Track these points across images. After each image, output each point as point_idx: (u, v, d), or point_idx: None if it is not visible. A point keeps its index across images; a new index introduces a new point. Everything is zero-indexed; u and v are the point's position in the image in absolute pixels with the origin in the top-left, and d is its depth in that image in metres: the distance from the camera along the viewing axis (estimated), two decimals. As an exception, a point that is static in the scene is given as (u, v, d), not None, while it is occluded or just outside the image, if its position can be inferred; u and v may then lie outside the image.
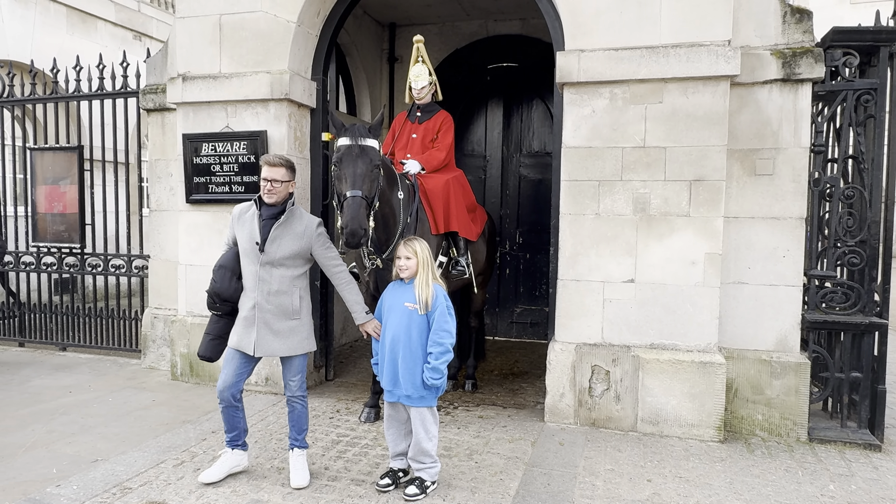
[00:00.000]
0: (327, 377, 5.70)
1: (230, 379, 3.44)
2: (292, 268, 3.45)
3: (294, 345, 3.47)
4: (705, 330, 4.32)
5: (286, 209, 3.44)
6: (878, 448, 4.18)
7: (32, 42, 9.55)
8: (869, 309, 4.31)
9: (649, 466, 3.83)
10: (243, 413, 3.56)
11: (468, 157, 7.67)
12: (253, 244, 3.40)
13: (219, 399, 3.46)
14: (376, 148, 3.76)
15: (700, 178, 4.28)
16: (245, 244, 3.45)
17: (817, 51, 4.23)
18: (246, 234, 3.45)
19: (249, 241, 3.42)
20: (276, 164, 3.40)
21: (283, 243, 3.40)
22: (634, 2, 4.32)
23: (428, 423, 3.36)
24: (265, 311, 3.40)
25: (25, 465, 3.79)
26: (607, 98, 4.41)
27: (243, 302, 3.47)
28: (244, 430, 3.59)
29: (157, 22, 11.94)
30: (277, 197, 3.42)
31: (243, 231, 3.47)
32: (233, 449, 3.56)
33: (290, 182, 3.47)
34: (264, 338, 3.41)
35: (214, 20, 5.29)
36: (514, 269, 7.68)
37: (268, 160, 3.41)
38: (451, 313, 3.33)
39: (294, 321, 3.47)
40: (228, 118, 5.31)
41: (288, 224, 3.43)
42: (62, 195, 6.67)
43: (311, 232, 3.47)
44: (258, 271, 3.40)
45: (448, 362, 3.28)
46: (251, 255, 3.41)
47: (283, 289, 3.42)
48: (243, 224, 3.48)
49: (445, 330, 3.28)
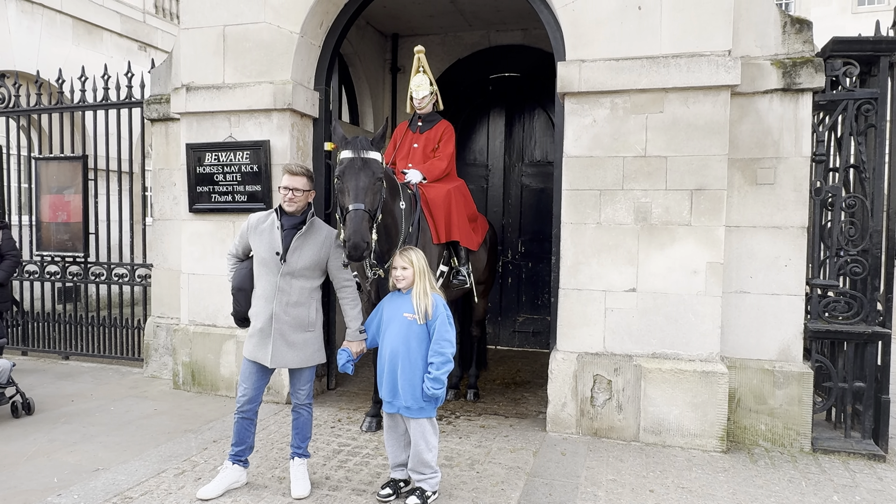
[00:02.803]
0: (329, 386, 5.69)
1: (251, 392, 3.47)
2: (311, 279, 3.45)
3: (307, 356, 3.47)
4: (707, 339, 4.31)
5: (307, 219, 3.44)
6: (882, 459, 4.15)
7: (38, 53, 9.63)
8: (872, 318, 4.30)
9: (652, 477, 3.82)
10: (255, 427, 3.57)
11: (470, 167, 7.69)
12: (273, 254, 3.38)
13: (238, 412, 3.47)
14: (379, 160, 3.78)
15: (701, 187, 4.28)
16: (264, 254, 3.41)
17: (817, 61, 4.24)
18: (265, 244, 3.42)
19: (269, 251, 3.39)
20: (299, 173, 3.41)
21: (303, 253, 3.40)
22: (635, 12, 4.35)
23: (427, 434, 3.33)
24: (282, 322, 3.38)
25: (27, 473, 3.79)
26: (608, 108, 4.43)
27: (258, 312, 3.44)
28: (251, 447, 3.58)
29: (161, 33, 12.04)
30: (298, 206, 3.43)
31: (262, 241, 3.44)
32: (234, 464, 3.53)
33: (310, 192, 3.49)
34: (279, 349, 3.39)
35: (218, 31, 5.34)
36: (516, 278, 7.68)
37: (290, 169, 3.42)
38: (451, 322, 3.30)
39: (309, 333, 3.46)
40: (232, 128, 5.34)
41: (309, 234, 3.44)
42: (66, 204, 6.71)
43: (331, 242, 3.48)
44: (278, 282, 3.37)
45: (449, 372, 3.25)
46: (270, 265, 3.39)
47: (301, 300, 3.42)
48: (261, 234, 3.45)
49: (446, 339, 3.25)
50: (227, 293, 5.37)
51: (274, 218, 3.45)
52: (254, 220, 3.52)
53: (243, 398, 3.46)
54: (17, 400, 4.83)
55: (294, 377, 3.54)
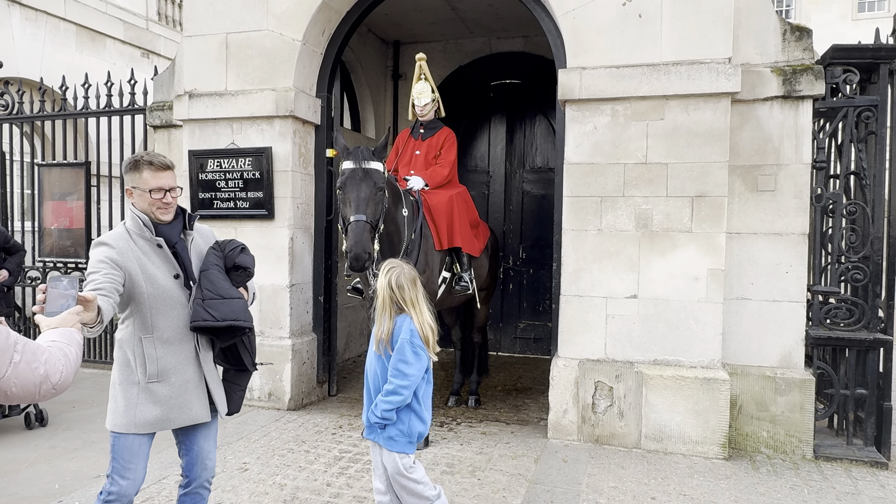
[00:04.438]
0: (330, 392, 5.69)
1: (141, 474, 2.56)
2: None
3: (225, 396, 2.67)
4: (709, 346, 4.31)
5: (185, 222, 2.59)
6: (884, 466, 4.14)
7: (42, 59, 9.68)
8: (873, 325, 4.29)
9: (653, 484, 3.81)
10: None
11: (472, 173, 7.71)
12: (171, 280, 2.47)
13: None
14: (380, 170, 3.79)
15: (702, 193, 4.29)
16: (163, 282, 2.45)
17: (817, 68, 4.26)
18: (158, 269, 2.45)
19: (167, 278, 2.46)
20: (163, 165, 2.50)
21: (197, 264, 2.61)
22: (635, 20, 4.37)
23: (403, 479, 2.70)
24: (209, 361, 2.60)
25: (28, 480, 3.79)
26: (609, 115, 4.44)
27: (169, 367, 2.47)
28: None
29: (164, 40, 12.10)
30: (173, 210, 2.56)
31: (151, 268, 2.43)
32: None
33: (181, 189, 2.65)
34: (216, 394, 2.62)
35: (221, 39, 5.37)
36: (517, 285, 7.68)
37: (150, 161, 2.48)
38: (415, 351, 2.64)
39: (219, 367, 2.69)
40: (234, 135, 5.37)
41: (198, 239, 2.64)
42: (69, 210, 6.73)
43: (212, 241, 2.69)
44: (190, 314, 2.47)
45: (397, 406, 2.65)
46: (173, 294, 2.46)
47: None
48: (142, 259, 2.43)
49: (397, 369, 2.64)
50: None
51: (147, 234, 2.47)
52: (121, 244, 2.41)
53: (133, 486, 2.52)
54: (30, 411, 4.79)
55: (206, 434, 2.64)
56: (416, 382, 2.67)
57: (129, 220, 2.51)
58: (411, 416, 2.72)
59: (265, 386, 5.24)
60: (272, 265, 5.23)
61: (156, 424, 2.50)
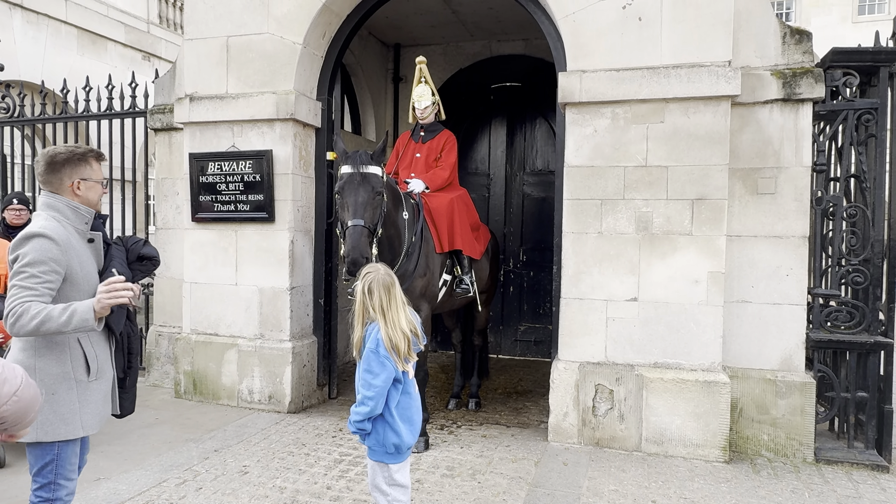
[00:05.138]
0: (330, 395, 5.69)
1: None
2: None
3: None
4: (709, 349, 4.30)
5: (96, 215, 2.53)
6: (885, 469, 4.13)
7: (43, 62, 9.71)
8: (874, 328, 4.29)
9: (654, 487, 3.80)
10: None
11: (472, 176, 7.72)
12: (96, 274, 2.43)
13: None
14: (378, 174, 3.78)
15: (702, 196, 4.29)
16: (93, 278, 2.40)
17: (817, 71, 4.26)
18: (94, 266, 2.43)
19: (94, 272, 2.43)
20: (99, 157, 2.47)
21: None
22: (635, 23, 4.38)
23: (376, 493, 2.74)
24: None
25: (27, 483, 3.78)
26: (609, 118, 4.45)
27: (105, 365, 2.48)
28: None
29: (165, 43, 12.14)
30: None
31: (84, 262, 2.38)
32: None
33: None
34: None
35: (222, 42, 5.38)
36: (517, 287, 7.68)
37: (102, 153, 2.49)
38: (380, 361, 2.56)
39: None
40: (235, 138, 5.37)
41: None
42: (70, 213, 6.73)
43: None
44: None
45: (366, 416, 2.60)
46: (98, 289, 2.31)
47: None
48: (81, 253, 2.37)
49: (364, 379, 2.60)
50: (228, 302, 5.41)
51: (84, 228, 2.42)
52: (62, 238, 2.30)
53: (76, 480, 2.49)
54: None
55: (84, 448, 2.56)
56: (382, 393, 2.59)
57: (66, 213, 2.38)
58: (385, 428, 2.65)
59: (265, 389, 5.24)
60: (272, 268, 5.24)
61: (100, 423, 2.48)
